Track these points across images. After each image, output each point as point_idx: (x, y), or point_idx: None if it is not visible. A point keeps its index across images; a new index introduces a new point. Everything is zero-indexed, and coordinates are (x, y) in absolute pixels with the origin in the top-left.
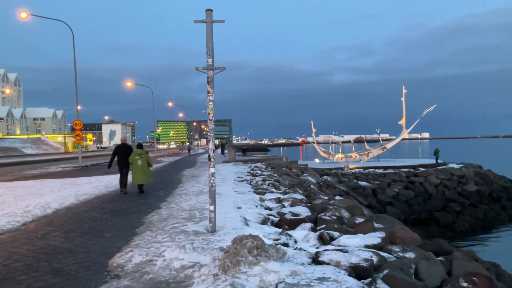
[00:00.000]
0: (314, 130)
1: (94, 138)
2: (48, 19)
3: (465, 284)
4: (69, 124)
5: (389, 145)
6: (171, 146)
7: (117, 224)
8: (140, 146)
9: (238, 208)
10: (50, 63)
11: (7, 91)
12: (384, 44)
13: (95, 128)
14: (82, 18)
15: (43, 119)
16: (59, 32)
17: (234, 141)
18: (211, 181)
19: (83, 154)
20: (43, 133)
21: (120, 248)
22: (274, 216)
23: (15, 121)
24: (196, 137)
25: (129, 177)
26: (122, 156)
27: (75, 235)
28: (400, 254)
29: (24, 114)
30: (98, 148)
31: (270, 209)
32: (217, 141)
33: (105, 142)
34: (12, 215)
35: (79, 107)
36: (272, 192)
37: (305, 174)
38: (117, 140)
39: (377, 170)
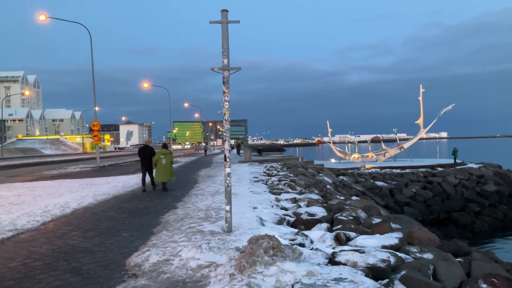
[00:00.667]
0: (330, 130)
1: (112, 138)
2: (66, 22)
3: (484, 286)
4: (87, 125)
5: (406, 145)
6: (185, 146)
7: (134, 223)
8: (165, 146)
9: (254, 208)
10: (68, 65)
11: (27, 92)
12: (401, 43)
13: (113, 128)
14: (100, 21)
15: (61, 120)
16: (77, 35)
17: (250, 141)
18: (227, 181)
19: (101, 155)
20: (62, 134)
21: (137, 248)
22: (290, 216)
23: (34, 122)
24: (212, 137)
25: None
26: (144, 158)
27: (93, 235)
28: (418, 255)
29: (43, 115)
30: (115, 148)
31: (286, 209)
32: (232, 141)
33: (123, 142)
34: (32, 214)
35: (97, 108)
36: (288, 192)
37: (321, 174)
38: (134, 141)
39: (394, 170)
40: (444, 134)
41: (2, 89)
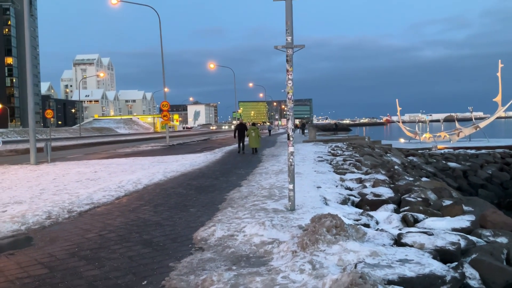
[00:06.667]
0: (399, 108)
1: (180, 118)
2: (137, 5)
3: None
4: (157, 106)
5: (482, 124)
6: (232, 126)
7: (201, 200)
8: (254, 124)
9: (318, 187)
10: (140, 47)
11: (102, 74)
12: (480, 15)
13: (181, 109)
14: (169, 3)
15: (134, 100)
16: (148, 17)
17: (315, 121)
18: (290, 159)
19: (170, 134)
20: (134, 114)
21: (203, 223)
22: (355, 197)
23: (109, 103)
24: (277, 117)
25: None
26: (239, 131)
27: (163, 209)
28: (491, 238)
29: (117, 96)
30: (184, 128)
31: (350, 189)
32: (297, 121)
33: (190, 122)
34: (107, 189)
35: (166, 89)
36: (353, 172)
37: (388, 155)
38: (201, 120)
39: (468, 151)
40: None
41: (79, 71)
